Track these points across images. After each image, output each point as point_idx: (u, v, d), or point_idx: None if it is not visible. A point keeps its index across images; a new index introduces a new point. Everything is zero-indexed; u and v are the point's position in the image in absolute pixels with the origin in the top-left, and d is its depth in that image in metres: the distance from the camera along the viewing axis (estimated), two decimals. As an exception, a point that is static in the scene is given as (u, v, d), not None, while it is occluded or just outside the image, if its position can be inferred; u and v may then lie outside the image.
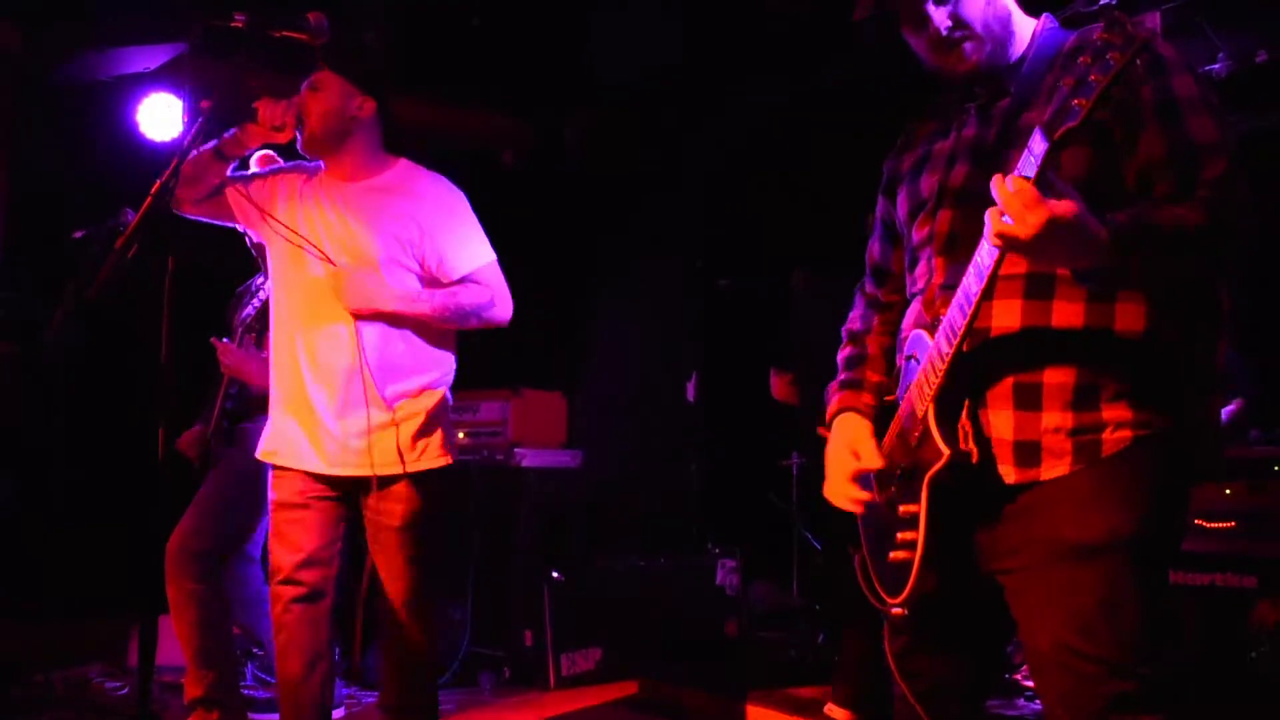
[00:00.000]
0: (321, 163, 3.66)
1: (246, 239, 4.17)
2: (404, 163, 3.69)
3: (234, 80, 3.36)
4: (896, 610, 2.38)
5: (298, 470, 3.51)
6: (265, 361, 3.78)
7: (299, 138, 3.53)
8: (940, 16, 2.32)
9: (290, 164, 3.75)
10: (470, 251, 3.64)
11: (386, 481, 3.50)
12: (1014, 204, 1.95)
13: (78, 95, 6.45)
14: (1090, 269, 2.08)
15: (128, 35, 6.03)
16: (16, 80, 6.29)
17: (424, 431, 3.55)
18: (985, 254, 2.08)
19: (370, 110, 3.59)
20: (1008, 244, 1.99)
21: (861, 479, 2.51)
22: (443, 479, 3.59)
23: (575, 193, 7.34)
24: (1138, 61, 1.99)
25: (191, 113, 5.63)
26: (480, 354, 6.67)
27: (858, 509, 2.46)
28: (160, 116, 5.84)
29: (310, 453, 3.50)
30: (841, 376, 2.65)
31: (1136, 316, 2.19)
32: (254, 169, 4.55)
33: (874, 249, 2.70)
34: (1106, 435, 2.18)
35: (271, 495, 3.56)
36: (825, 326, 3.23)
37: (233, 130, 3.52)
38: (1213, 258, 2.15)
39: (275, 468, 3.54)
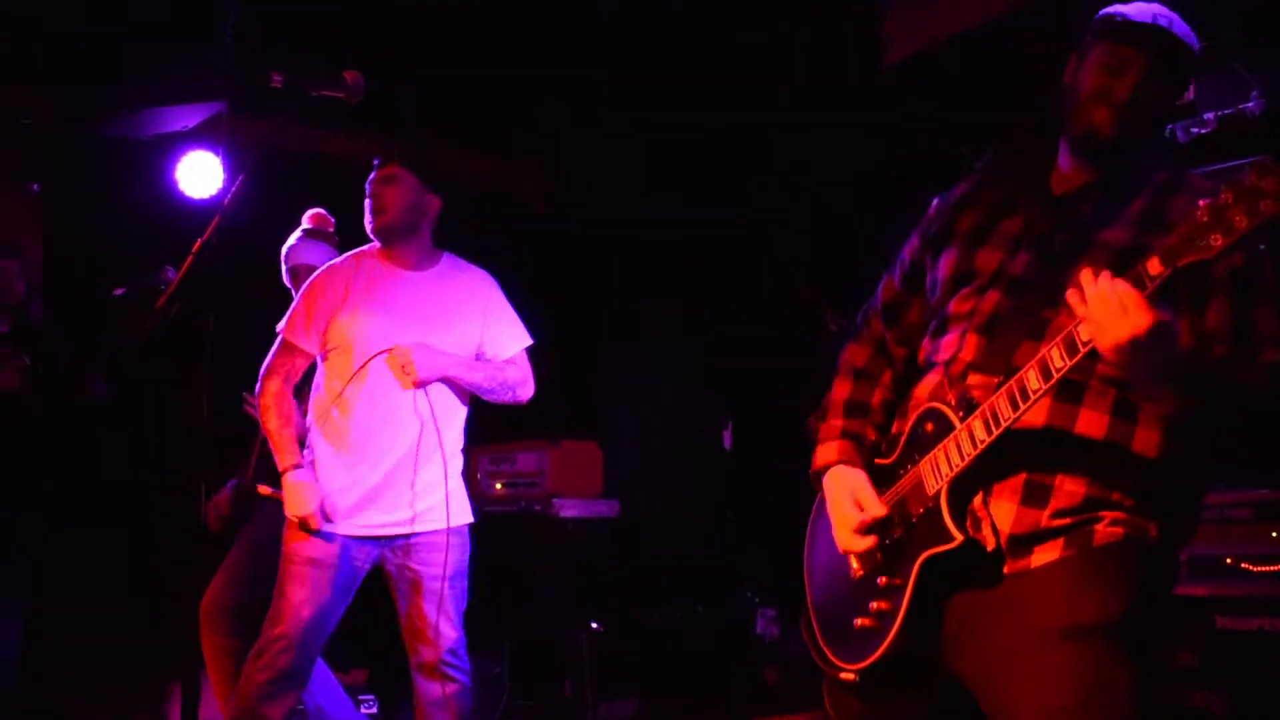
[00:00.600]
0: (367, 248, 3.98)
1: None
2: (449, 256, 4.07)
3: (275, 138, 3.44)
4: (846, 675, 2.37)
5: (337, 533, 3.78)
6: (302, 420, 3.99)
7: (371, 224, 3.87)
8: (1139, 87, 2.28)
9: (320, 268, 4.02)
10: (515, 335, 4.07)
11: (426, 535, 3.83)
12: (1111, 304, 1.95)
13: (116, 154, 6.54)
14: (1153, 387, 2.10)
15: (165, 95, 6.12)
16: (56, 140, 6.39)
17: (459, 490, 3.95)
18: (1058, 356, 2.08)
19: (436, 208, 3.98)
20: (1106, 343, 1.98)
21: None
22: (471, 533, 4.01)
23: (606, 238, 7.36)
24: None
25: (230, 170, 5.71)
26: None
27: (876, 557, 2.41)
28: (198, 174, 5.90)
29: (358, 513, 3.78)
30: (841, 423, 2.58)
31: (1153, 440, 2.21)
32: (304, 225, 4.64)
33: (894, 285, 2.65)
34: (1099, 528, 2.20)
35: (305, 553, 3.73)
36: None
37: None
38: (1248, 412, 2.20)
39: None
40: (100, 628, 5.99)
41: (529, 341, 4.10)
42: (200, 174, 5.90)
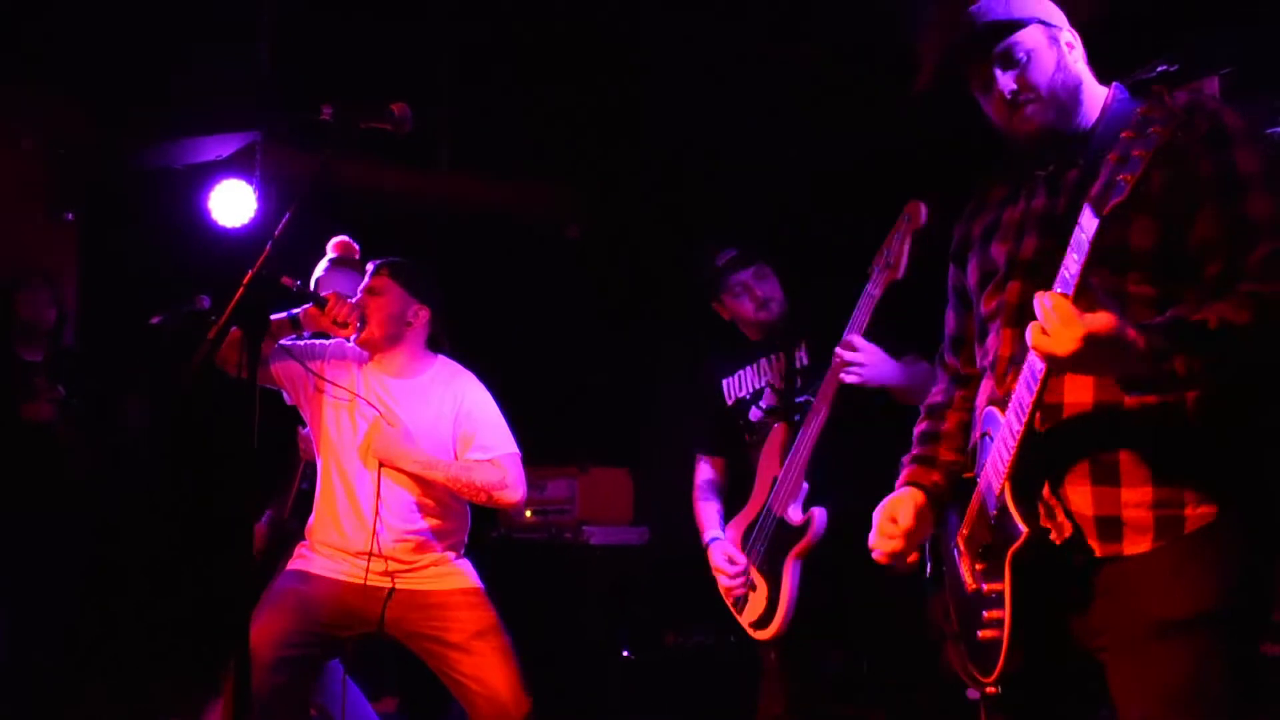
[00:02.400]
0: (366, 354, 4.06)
1: (283, 398, 4.23)
2: (441, 360, 4.14)
3: (307, 168, 3.45)
4: (990, 689, 2.36)
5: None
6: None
7: (356, 335, 3.93)
8: (1006, 80, 2.36)
9: (333, 344, 4.12)
10: (496, 440, 4.04)
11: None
12: (1052, 320, 1.99)
13: (151, 182, 6.58)
14: (1133, 377, 2.10)
15: (201, 124, 6.16)
16: (92, 168, 6.43)
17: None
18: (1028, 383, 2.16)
19: (424, 318, 4.05)
20: (1046, 360, 2.04)
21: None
22: None
23: (638, 264, 7.37)
24: (1203, 131, 2.07)
25: (263, 199, 5.74)
26: (546, 432, 6.71)
27: (883, 559, 2.55)
28: (231, 203, 5.92)
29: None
30: (914, 451, 2.67)
31: (1209, 395, 2.19)
32: (329, 254, 4.66)
33: (949, 319, 2.72)
34: (1189, 511, 2.18)
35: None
36: None
37: (296, 311, 3.91)
38: (1260, 353, 2.14)
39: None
40: (138, 654, 6.01)
41: (511, 449, 4.07)
42: (233, 203, 5.93)
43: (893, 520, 2.54)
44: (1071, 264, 2.04)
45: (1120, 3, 4.84)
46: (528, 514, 6.31)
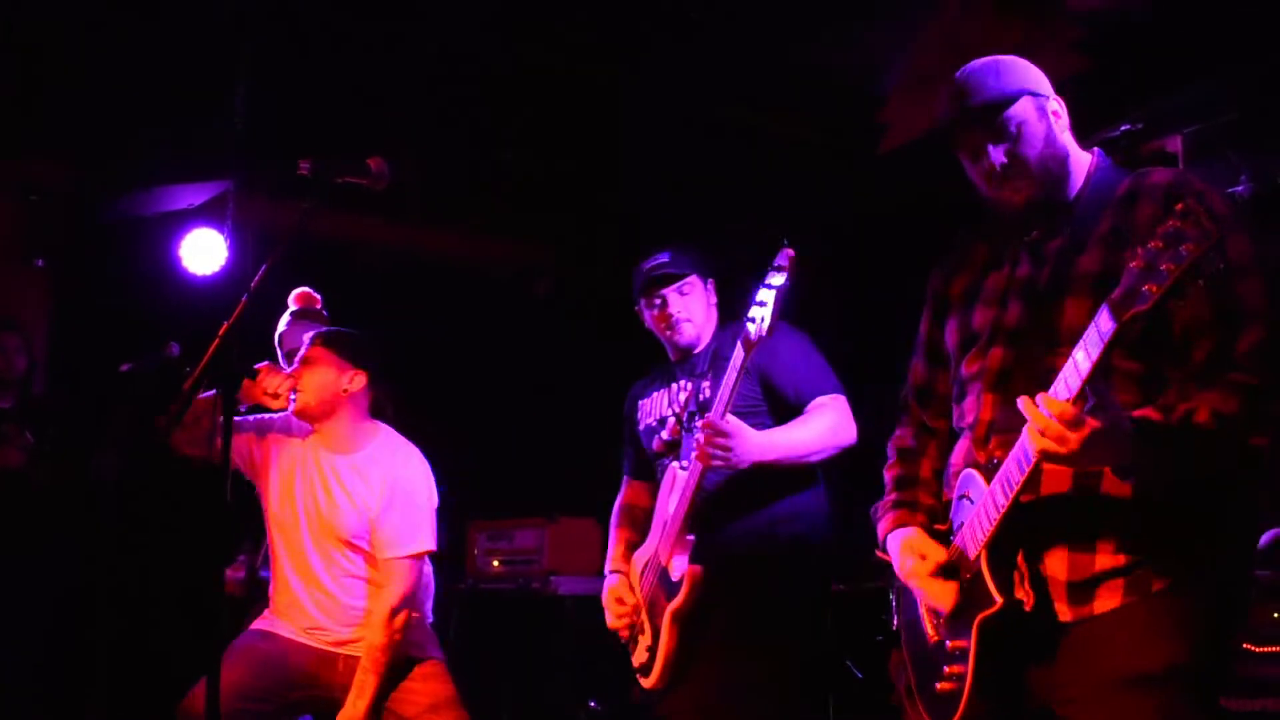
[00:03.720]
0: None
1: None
2: (384, 433, 4.04)
3: (280, 219, 3.47)
4: None
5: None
6: None
7: (291, 406, 3.87)
8: (997, 154, 2.38)
9: (279, 418, 4.07)
10: (405, 537, 3.89)
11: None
12: (1054, 427, 2.01)
13: (121, 230, 6.57)
14: (1129, 466, 2.13)
15: (173, 173, 6.16)
16: (65, 216, 6.41)
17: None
18: (1024, 452, 2.16)
19: (361, 384, 3.95)
20: (1050, 459, 2.06)
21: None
22: None
23: (606, 319, 7.41)
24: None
25: (234, 247, 5.75)
26: (515, 482, 6.71)
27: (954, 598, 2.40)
28: (202, 252, 5.93)
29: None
30: (892, 497, 2.66)
31: (1181, 486, 2.21)
32: (291, 306, 4.66)
33: (918, 369, 2.73)
34: (1158, 569, 2.21)
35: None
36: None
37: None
38: (1245, 446, 2.16)
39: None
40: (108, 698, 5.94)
41: (421, 549, 3.92)
42: (203, 251, 5.94)
43: (923, 557, 2.47)
44: (1081, 362, 2.02)
45: (1091, 61, 4.94)
46: (495, 563, 6.31)
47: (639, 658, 3.68)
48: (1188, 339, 2.20)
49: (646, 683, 3.62)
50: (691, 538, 3.53)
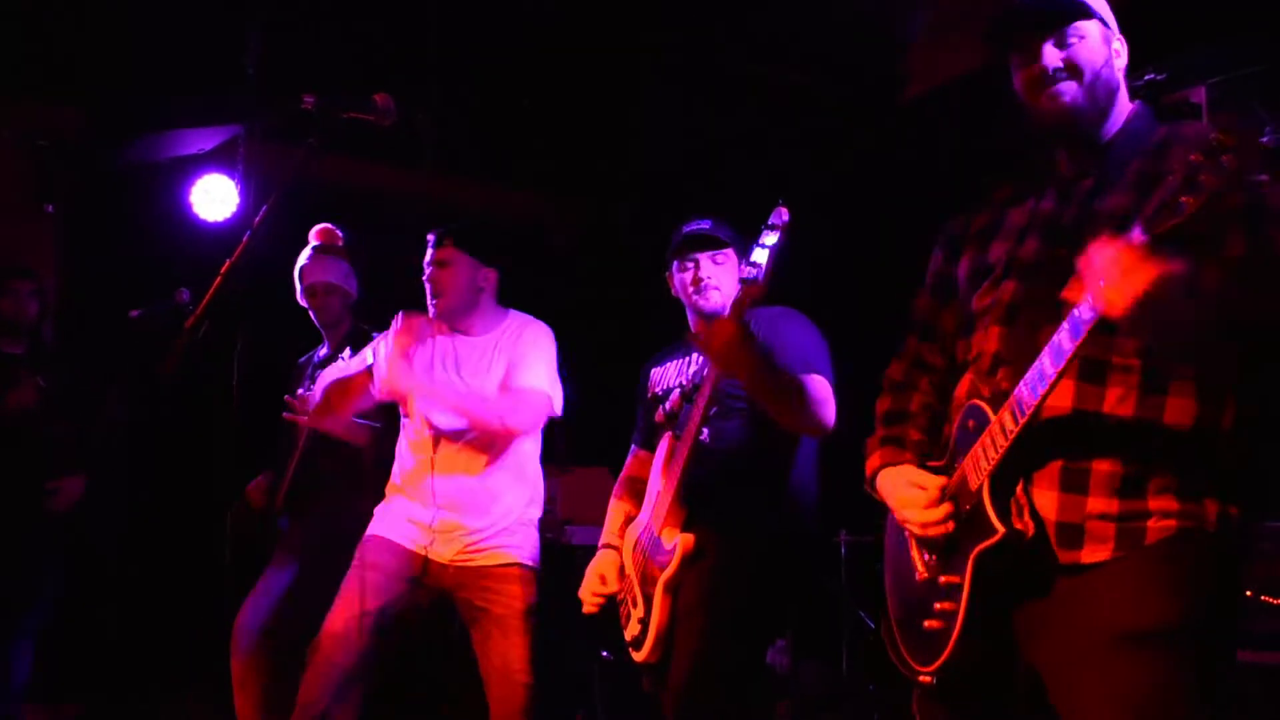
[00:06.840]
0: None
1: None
2: (513, 314, 4.19)
3: (289, 161, 3.42)
4: (924, 678, 2.37)
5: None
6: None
7: (432, 308, 4.02)
8: (1053, 56, 2.33)
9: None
10: (533, 373, 3.99)
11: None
12: (1114, 268, 1.93)
13: (132, 176, 6.54)
14: (1195, 340, 2.07)
15: (184, 118, 6.13)
16: (75, 162, 6.39)
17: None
18: (1066, 337, 2.07)
19: (493, 280, 4.12)
20: (1117, 309, 1.95)
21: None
22: None
23: (625, 273, 7.38)
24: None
25: (245, 193, 5.71)
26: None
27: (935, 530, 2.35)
28: (213, 197, 5.91)
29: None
30: (881, 433, 2.62)
31: (1187, 410, 2.18)
32: (312, 241, 4.65)
33: (923, 303, 2.69)
34: (1151, 524, 2.17)
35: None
36: None
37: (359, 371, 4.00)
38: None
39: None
40: (124, 649, 6.00)
41: (543, 385, 3.98)
42: (215, 197, 5.92)
43: (920, 488, 2.41)
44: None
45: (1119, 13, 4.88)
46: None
47: (631, 630, 3.64)
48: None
49: (639, 656, 3.57)
50: (685, 509, 3.50)
